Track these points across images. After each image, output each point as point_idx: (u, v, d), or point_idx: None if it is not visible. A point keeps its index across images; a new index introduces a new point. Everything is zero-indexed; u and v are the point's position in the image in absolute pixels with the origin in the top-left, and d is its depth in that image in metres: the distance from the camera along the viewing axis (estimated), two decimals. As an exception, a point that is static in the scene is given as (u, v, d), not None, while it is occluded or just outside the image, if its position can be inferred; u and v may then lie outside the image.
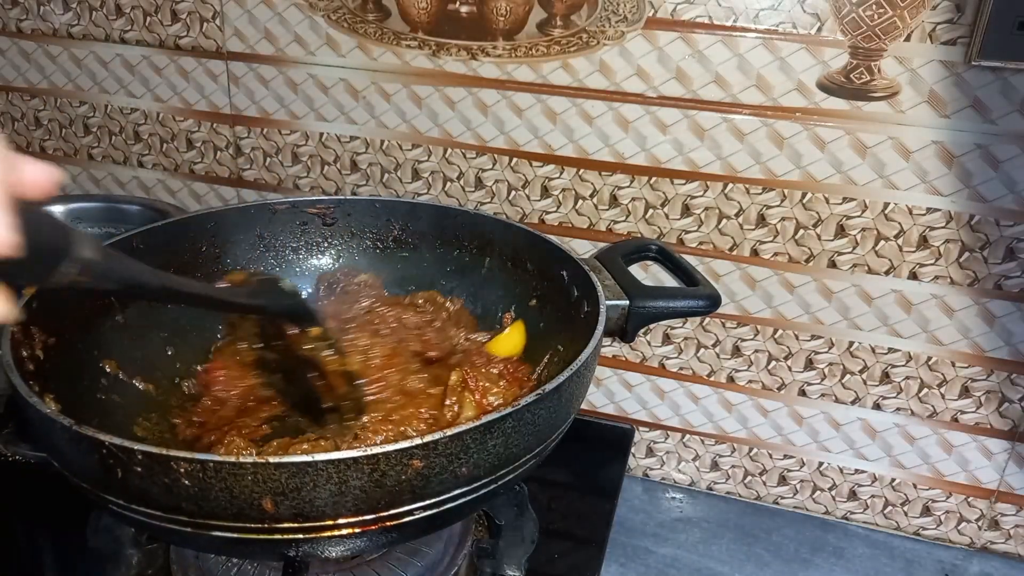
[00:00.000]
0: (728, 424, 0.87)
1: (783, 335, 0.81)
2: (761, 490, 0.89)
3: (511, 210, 0.86)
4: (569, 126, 0.80)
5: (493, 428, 0.49)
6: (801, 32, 0.70)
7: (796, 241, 0.77)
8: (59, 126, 1.01)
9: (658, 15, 0.73)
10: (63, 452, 0.50)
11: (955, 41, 0.67)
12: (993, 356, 0.76)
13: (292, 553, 0.50)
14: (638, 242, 0.77)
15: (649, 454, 0.91)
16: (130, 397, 0.66)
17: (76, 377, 0.62)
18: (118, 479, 0.46)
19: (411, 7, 0.80)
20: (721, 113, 0.75)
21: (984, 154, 0.69)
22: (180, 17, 0.89)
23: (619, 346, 0.87)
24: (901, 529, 0.85)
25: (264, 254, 0.79)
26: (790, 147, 0.74)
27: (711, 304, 0.67)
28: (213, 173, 0.97)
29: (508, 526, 0.71)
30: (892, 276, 0.76)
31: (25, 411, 0.50)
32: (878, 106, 0.71)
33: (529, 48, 0.78)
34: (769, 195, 0.77)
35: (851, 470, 0.84)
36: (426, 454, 0.46)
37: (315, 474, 0.44)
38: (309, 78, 0.87)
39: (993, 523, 0.82)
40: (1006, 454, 0.79)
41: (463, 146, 0.84)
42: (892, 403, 0.80)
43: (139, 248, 0.70)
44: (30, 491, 0.70)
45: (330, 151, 0.90)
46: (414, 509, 0.49)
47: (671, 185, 0.79)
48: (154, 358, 0.70)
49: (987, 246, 0.72)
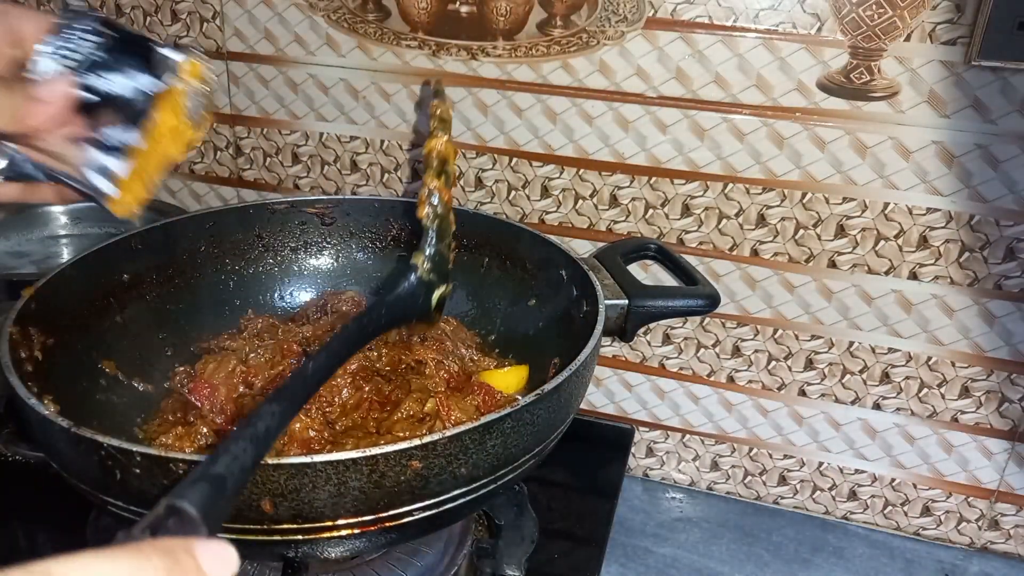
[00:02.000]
0: (728, 424, 0.87)
1: (783, 335, 0.81)
2: (761, 490, 0.89)
3: (511, 210, 0.86)
4: (569, 126, 0.80)
5: (492, 428, 0.49)
6: (801, 32, 0.70)
7: (796, 241, 0.77)
8: (59, 126, 1.01)
9: (658, 15, 0.73)
10: (62, 453, 0.50)
11: (955, 41, 0.66)
12: (993, 356, 0.76)
13: (291, 554, 0.50)
14: (637, 241, 0.77)
15: (649, 454, 0.91)
16: (129, 398, 0.66)
17: (75, 378, 0.62)
18: (117, 480, 0.46)
19: (411, 7, 0.80)
20: (721, 113, 0.75)
21: (984, 154, 0.69)
22: (180, 17, 0.89)
23: (619, 346, 0.87)
24: (901, 529, 0.85)
25: (263, 254, 0.79)
26: (790, 147, 0.74)
27: (710, 303, 0.67)
28: (213, 173, 0.97)
29: (508, 526, 0.71)
30: (892, 276, 0.76)
31: (24, 412, 0.50)
32: (878, 106, 0.71)
33: (529, 48, 0.78)
34: (769, 195, 0.77)
35: (851, 470, 0.84)
36: (425, 455, 0.46)
37: (314, 475, 0.44)
38: (309, 78, 0.87)
39: (993, 523, 0.82)
40: (1006, 454, 0.79)
41: (463, 146, 0.84)
42: (892, 403, 0.80)
43: (139, 248, 0.70)
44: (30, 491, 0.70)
45: (330, 151, 0.90)
46: (413, 510, 0.49)
47: (671, 185, 0.79)
48: (153, 359, 0.70)
49: (987, 246, 0.72)
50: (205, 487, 0.30)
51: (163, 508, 0.28)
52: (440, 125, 0.59)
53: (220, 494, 0.31)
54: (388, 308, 0.52)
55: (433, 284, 0.54)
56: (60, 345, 0.60)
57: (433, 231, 0.55)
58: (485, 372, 0.70)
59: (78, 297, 0.65)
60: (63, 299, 0.63)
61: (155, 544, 0.24)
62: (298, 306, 0.80)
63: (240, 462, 0.33)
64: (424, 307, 0.55)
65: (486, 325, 0.77)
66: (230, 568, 0.25)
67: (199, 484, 0.30)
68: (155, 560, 0.23)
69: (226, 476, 0.32)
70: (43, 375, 0.57)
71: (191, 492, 0.29)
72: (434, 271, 0.54)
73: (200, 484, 0.30)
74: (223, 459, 0.32)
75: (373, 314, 0.51)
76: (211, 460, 0.32)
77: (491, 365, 0.71)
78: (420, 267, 0.54)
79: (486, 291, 0.77)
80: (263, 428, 0.35)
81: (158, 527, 0.27)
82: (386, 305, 0.52)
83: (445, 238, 0.56)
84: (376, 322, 0.51)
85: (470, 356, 0.72)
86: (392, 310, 0.53)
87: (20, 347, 0.56)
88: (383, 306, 0.52)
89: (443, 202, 0.56)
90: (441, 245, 0.55)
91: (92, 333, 0.65)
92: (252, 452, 0.34)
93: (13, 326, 0.56)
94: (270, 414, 0.36)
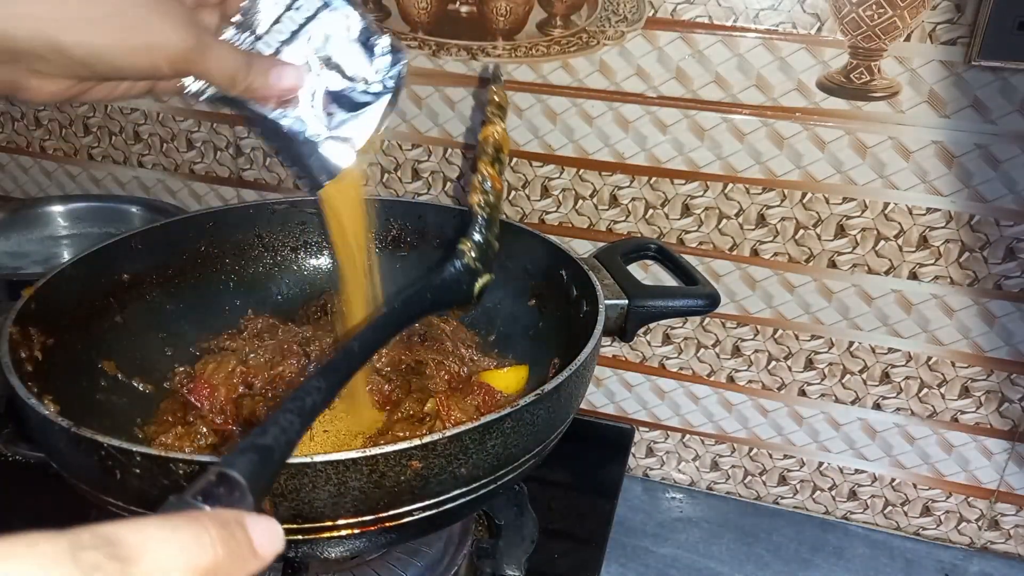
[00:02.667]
0: (728, 424, 0.87)
1: (783, 335, 0.81)
2: (761, 490, 0.89)
3: (511, 210, 0.85)
4: (569, 126, 0.80)
5: (492, 428, 0.49)
6: (801, 32, 0.70)
7: (796, 241, 0.77)
8: (59, 126, 1.01)
9: (658, 15, 0.73)
10: (62, 453, 0.50)
11: (955, 41, 0.66)
12: (993, 356, 0.76)
13: (291, 554, 0.50)
14: (637, 241, 0.77)
15: (649, 454, 0.91)
16: (129, 398, 0.66)
17: (75, 378, 0.62)
18: (117, 480, 0.46)
19: (411, 7, 0.80)
20: (721, 113, 0.75)
21: (984, 154, 0.69)
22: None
23: (619, 346, 0.87)
24: (901, 529, 0.85)
25: (263, 254, 0.79)
26: (790, 147, 0.74)
27: (710, 303, 0.67)
28: (213, 173, 0.97)
29: (508, 526, 0.71)
30: (892, 276, 0.76)
31: (24, 412, 0.50)
32: (878, 106, 0.71)
33: (529, 48, 0.78)
34: (769, 195, 0.77)
35: (851, 470, 0.84)
36: (425, 455, 0.46)
37: (314, 475, 0.44)
38: (309, 78, 0.87)
39: (993, 523, 0.82)
40: (1006, 454, 0.79)
41: (464, 146, 0.84)
42: (892, 403, 0.80)
43: (139, 248, 0.70)
44: (30, 491, 0.70)
45: (330, 151, 0.90)
46: (413, 510, 0.49)
47: (671, 185, 0.79)
48: (153, 359, 0.70)
49: (987, 246, 0.72)
50: (254, 457, 0.30)
51: (215, 475, 0.28)
52: (497, 112, 0.58)
53: (267, 465, 0.31)
54: (433, 291, 0.52)
55: (478, 271, 0.54)
56: (60, 345, 0.60)
57: (484, 218, 0.54)
58: (485, 372, 0.69)
59: (78, 297, 0.65)
60: (63, 299, 0.63)
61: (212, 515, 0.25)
62: (298, 306, 0.80)
63: (287, 435, 0.33)
64: (467, 294, 0.54)
65: (486, 325, 0.77)
66: (278, 544, 0.26)
67: (248, 454, 0.30)
68: (212, 532, 0.23)
69: (273, 447, 0.32)
70: (43, 375, 0.56)
71: (241, 461, 0.29)
72: (480, 259, 0.54)
73: (249, 454, 0.30)
74: (272, 430, 0.32)
75: (418, 296, 0.51)
76: (261, 431, 0.32)
77: (491, 365, 0.71)
78: (467, 253, 0.53)
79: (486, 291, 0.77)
80: (310, 403, 0.36)
81: (209, 494, 0.27)
82: (431, 288, 0.52)
83: (493, 227, 0.55)
84: (421, 304, 0.51)
85: (470, 356, 0.72)
86: (436, 294, 0.52)
87: (20, 347, 0.56)
88: (428, 289, 0.52)
89: (495, 190, 0.55)
90: (489, 233, 0.54)
91: (92, 333, 0.65)
92: (298, 425, 0.34)
93: (13, 326, 0.56)
94: (316, 389, 0.37)
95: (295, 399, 0.35)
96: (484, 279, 0.55)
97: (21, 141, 1.03)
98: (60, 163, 1.03)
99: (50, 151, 1.02)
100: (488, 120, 0.58)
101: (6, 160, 1.06)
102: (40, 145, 1.03)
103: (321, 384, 0.37)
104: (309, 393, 0.36)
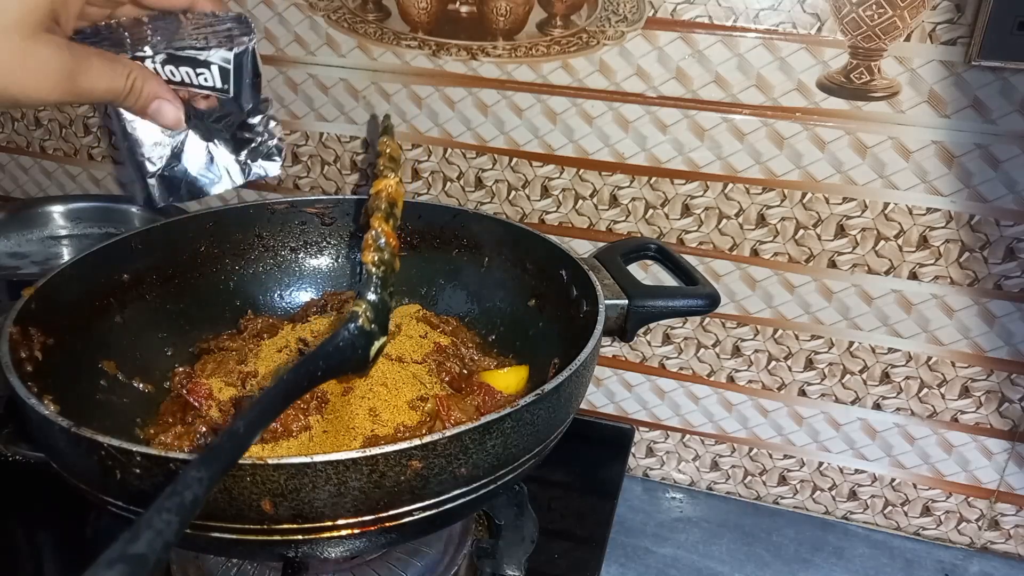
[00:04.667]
0: (728, 424, 0.87)
1: (783, 335, 0.81)
2: (761, 490, 0.89)
3: (511, 210, 0.86)
4: (569, 126, 0.80)
5: (492, 428, 0.49)
6: (801, 32, 0.70)
7: (796, 241, 0.77)
8: (59, 126, 1.01)
9: (658, 15, 0.73)
10: (62, 453, 0.50)
11: (955, 41, 0.66)
12: (993, 356, 0.76)
13: (291, 554, 0.50)
14: (637, 241, 0.77)
15: (649, 454, 0.91)
16: (129, 398, 0.66)
17: (75, 378, 0.62)
18: (117, 480, 0.46)
19: (411, 7, 0.80)
20: (721, 113, 0.75)
21: (984, 154, 0.69)
22: (180, 17, 0.89)
23: (619, 346, 0.87)
24: (901, 529, 0.85)
25: (263, 254, 0.79)
26: (790, 147, 0.74)
27: (710, 303, 0.67)
28: (213, 173, 0.96)
29: (508, 526, 0.71)
30: (892, 276, 0.76)
31: (24, 412, 0.50)
32: (878, 106, 0.71)
33: (529, 48, 0.78)
34: (769, 195, 0.77)
35: (851, 470, 0.84)
36: (425, 455, 0.46)
37: (314, 475, 0.44)
38: (309, 78, 0.87)
39: (993, 523, 0.82)
40: (1006, 454, 0.79)
41: (463, 146, 0.84)
42: (892, 403, 0.80)
43: (139, 248, 0.70)
44: (30, 491, 0.70)
45: (330, 151, 0.90)
46: (413, 510, 0.49)
47: (671, 185, 0.79)
48: (153, 359, 0.70)
49: (987, 246, 0.72)
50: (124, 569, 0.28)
51: None
52: (389, 164, 0.56)
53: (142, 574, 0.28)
54: (326, 359, 0.47)
55: (374, 334, 0.49)
56: (60, 345, 0.60)
57: (378, 278, 0.50)
58: (485, 372, 0.69)
59: (78, 297, 0.65)
60: (63, 299, 0.63)
61: None
62: (298, 306, 0.80)
63: (163, 538, 0.30)
64: (363, 358, 0.49)
65: (486, 325, 0.77)
66: None
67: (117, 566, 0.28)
68: None
69: (147, 555, 0.29)
70: (43, 375, 0.56)
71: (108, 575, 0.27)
72: (376, 321, 0.49)
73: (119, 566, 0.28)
74: (145, 534, 0.29)
75: (309, 365, 0.46)
76: (132, 536, 0.29)
77: (491, 365, 0.71)
78: (361, 315, 0.48)
79: (486, 291, 0.77)
80: (190, 497, 0.32)
81: None
82: (324, 356, 0.47)
83: (389, 286, 0.51)
84: (311, 374, 0.46)
85: (470, 356, 0.72)
86: (329, 361, 0.47)
87: (20, 347, 0.56)
88: (320, 357, 0.47)
89: (390, 247, 0.51)
90: (384, 293, 0.50)
91: (92, 333, 0.65)
92: (176, 525, 0.31)
93: (13, 326, 0.56)
94: (197, 480, 0.33)
95: (171, 495, 0.32)
96: (380, 341, 0.50)
97: (21, 141, 1.03)
98: (60, 163, 1.03)
99: (50, 151, 1.02)
100: (380, 174, 0.55)
101: (6, 160, 1.06)
102: (40, 145, 1.03)
103: (202, 474, 0.34)
104: (188, 486, 0.33)
